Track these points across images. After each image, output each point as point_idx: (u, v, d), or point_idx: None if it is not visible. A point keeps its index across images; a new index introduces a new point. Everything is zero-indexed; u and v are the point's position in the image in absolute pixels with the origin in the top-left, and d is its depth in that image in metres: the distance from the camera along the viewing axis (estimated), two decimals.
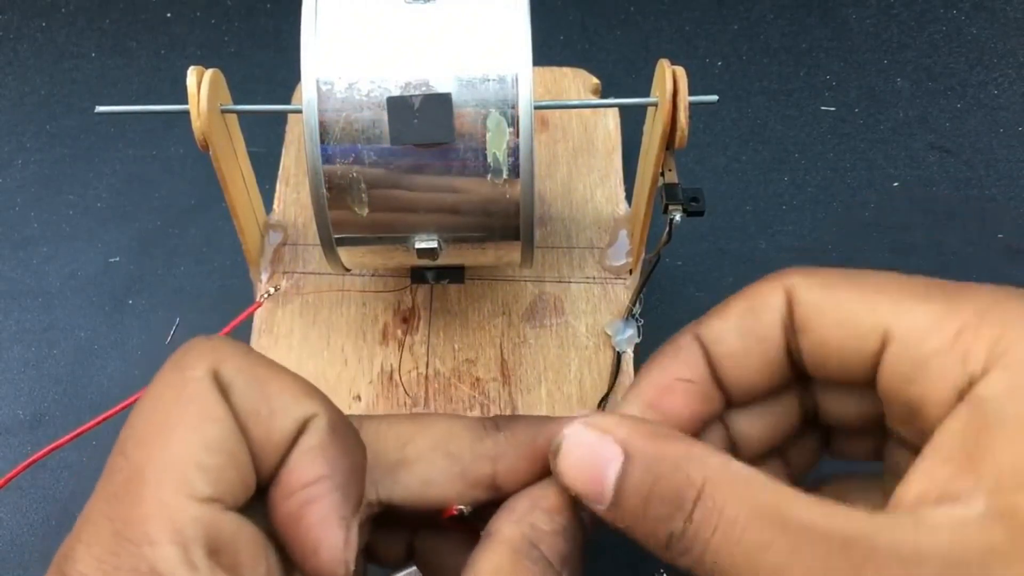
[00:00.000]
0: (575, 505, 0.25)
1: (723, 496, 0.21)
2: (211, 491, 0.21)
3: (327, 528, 0.22)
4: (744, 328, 0.25)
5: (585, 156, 0.44)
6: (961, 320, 0.22)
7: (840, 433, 0.28)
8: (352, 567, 0.23)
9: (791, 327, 0.25)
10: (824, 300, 0.24)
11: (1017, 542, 0.19)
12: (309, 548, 0.22)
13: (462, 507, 0.26)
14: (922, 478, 0.21)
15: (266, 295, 0.39)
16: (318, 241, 0.33)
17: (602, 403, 0.37)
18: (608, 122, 0.45)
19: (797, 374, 0.26)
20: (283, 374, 0.24)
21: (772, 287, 0.25)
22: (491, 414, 0.37)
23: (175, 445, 0.21)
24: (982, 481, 0.19)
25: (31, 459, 0.36)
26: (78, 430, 0.35)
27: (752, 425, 0.27)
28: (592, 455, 0.23)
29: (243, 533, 0.22)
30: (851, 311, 0.24)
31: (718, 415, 0.27)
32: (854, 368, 0.24)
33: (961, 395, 0.21)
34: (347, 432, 0.24)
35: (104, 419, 0.35)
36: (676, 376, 0.26)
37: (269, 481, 0.23)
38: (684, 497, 0.21)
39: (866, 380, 0.24)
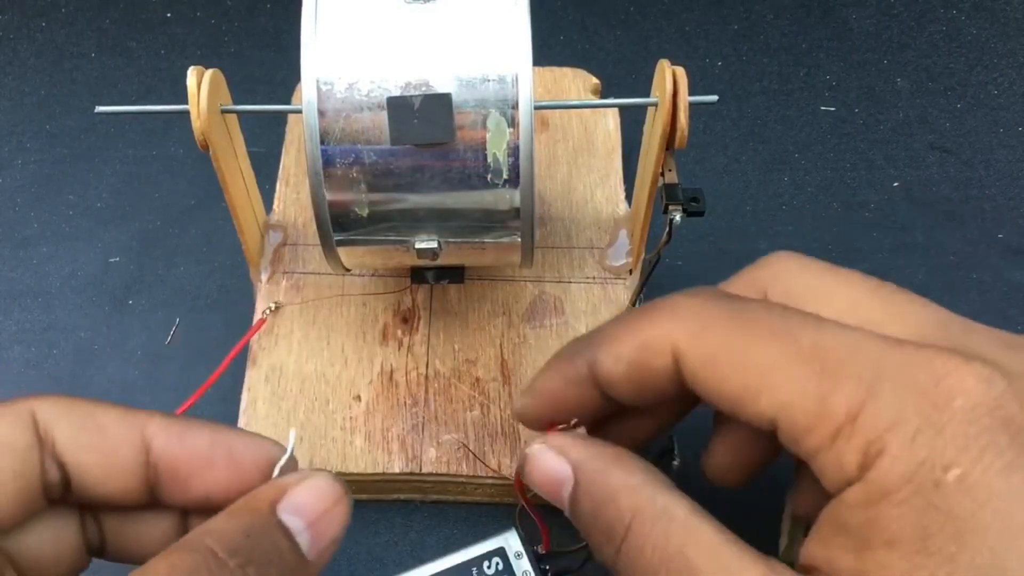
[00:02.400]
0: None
1: (644, 535, 0.23)
2: None
3: (249, 440, 0.25)
4: (633, 375, 0.26)
5: (585, 156, 0.44)
6: (835, 422, 0.22)
7: None
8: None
9: (679, 379, 0.25)
10: (710, 380, 0.24)
11: None
12: (259, 458, 0.24)
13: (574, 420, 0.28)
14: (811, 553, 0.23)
15: (268, 312, 0.39)
16: (318, 241, 0.33)
17: None
18: (608, 122, 0.45)
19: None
20: (106, 403, 0.25)
21: (659, 340, 0.25)
22: (491, 414, 0.37)
23: None
24: None
25: None
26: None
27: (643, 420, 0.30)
28: (551, 473, 0.26)
29: None
30: (738, 399, 0.24)
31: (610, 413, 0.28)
32: (750, 427, 0.25)
33: (840, 489, 0.22)
34: (187, 418, 0.25)
35: None
36: (564, 395, 0.28)
37: (136, 492, 0.24)
38: (615, 531, 0.24)
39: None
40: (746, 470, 0.28)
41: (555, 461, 0.26)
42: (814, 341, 0.23)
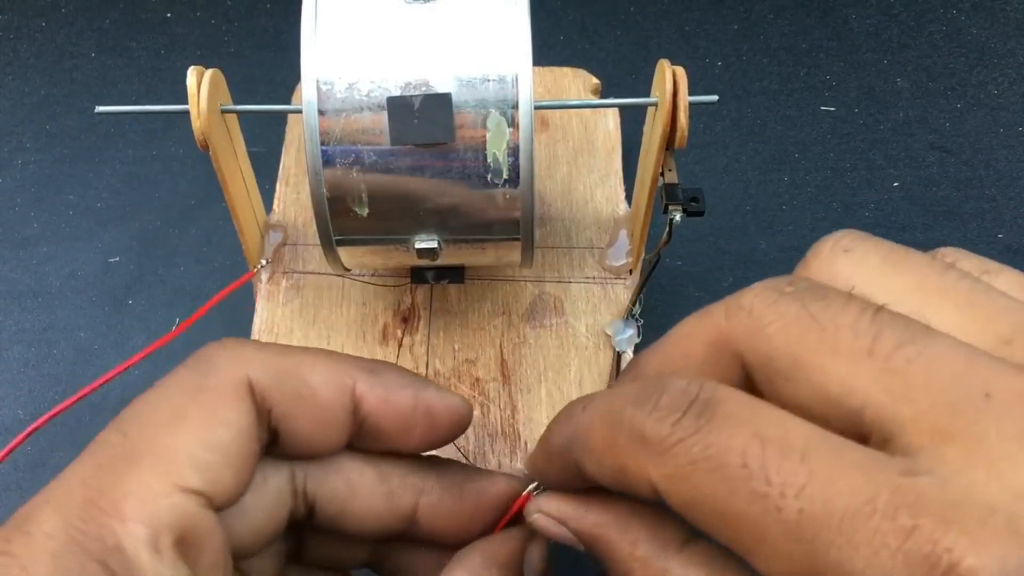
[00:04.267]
0: (521, 563, 0.26)
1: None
2: (199, 485, 0.21)
3: (446, 402, 0.25)
4: (619, 487, 0.24)
5: (585, 156, 0.44)
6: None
7: None
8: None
9: None
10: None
11: None
12: (453, 419, 0.25)
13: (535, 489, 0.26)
14: None
15: (262, 265, 0.39)
16: (318, 241, 0.33)
17: None
18: (608, 122, 0.45)
19: None
20: (306, 355, 0.25)
21: (637, 472, 0.21)
22: (491, 414, 0.37)
23: (177, 437, 0.22)
24: None
25: (31, 428, 0.36)
26: (81, 392, 0.36)
27: None
28: (557, 537, 0.25)
29: (215, 535, 0.22)
30: None
31: None
32: None
33: None
34: (386, 368, 0.26)
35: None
36: (558, 474, 0.26)
37: (341, 446, 0.25)
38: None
39: None
40: None
41: (557, 530, 0.25)
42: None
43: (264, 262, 0.40)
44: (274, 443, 0.25)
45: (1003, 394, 0.17)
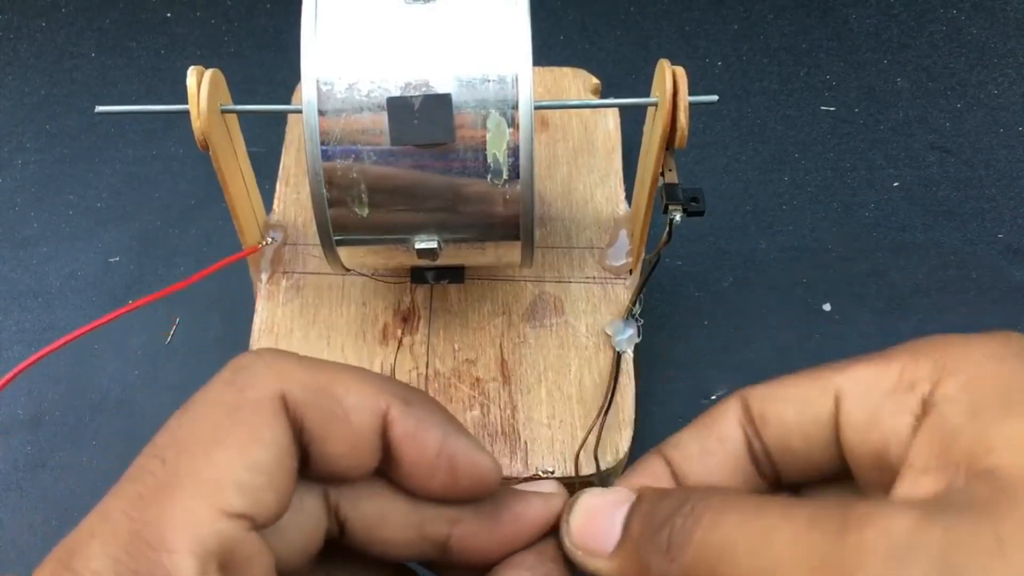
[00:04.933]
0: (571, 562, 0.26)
1: (712, 504, 0.22)
2: (243, 508, 0.21)
3: (473, 458, 0.25)
4: (703, 433, 0.25)
5: (585, 156, 0.44)
6: (901, 361, 0.22)
7: None
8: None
9: (751, 424, 0.25)
10: (775, 390, 0.24)
11: (1002, 496, 0.18)
12: (475, 478, 0.25)
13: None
14: (903, 488, 0.21)
15: (266, 243, 0.39)
16: (318, 241, 0.33)
17: (603, 413, 0.37)
18: (608, 122, 0.45)
19: (763, 477, 0.26)
20: (342, 372, 0.24)
21: (726, 401, 0.25)
22: (491, 414, 0.37)
23: (218, 460, 0.22)
24: (957, 468, 0.20)
25: (18, 368, 0.37)
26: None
27: None
28: (603, 501, 0.25)
29: (260, 557, 0.22)
30: (801, 388, 0.24)
31: None
32: (818, 441, 0.24)
33: (919, 420, 0.21)
34: (421, 400, 0.25)
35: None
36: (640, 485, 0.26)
37: (370, 470, 0.25)
38: (681, 510, 0.22)
39: (830, 455, 0.24)
40: None
41: (611, 491, 0.25)
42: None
43: (269, 239, 0.40)
44: (304, 463, 0.24)
45: None
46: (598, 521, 0.24)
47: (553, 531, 0.26)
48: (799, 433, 0.24)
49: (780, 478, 0.25)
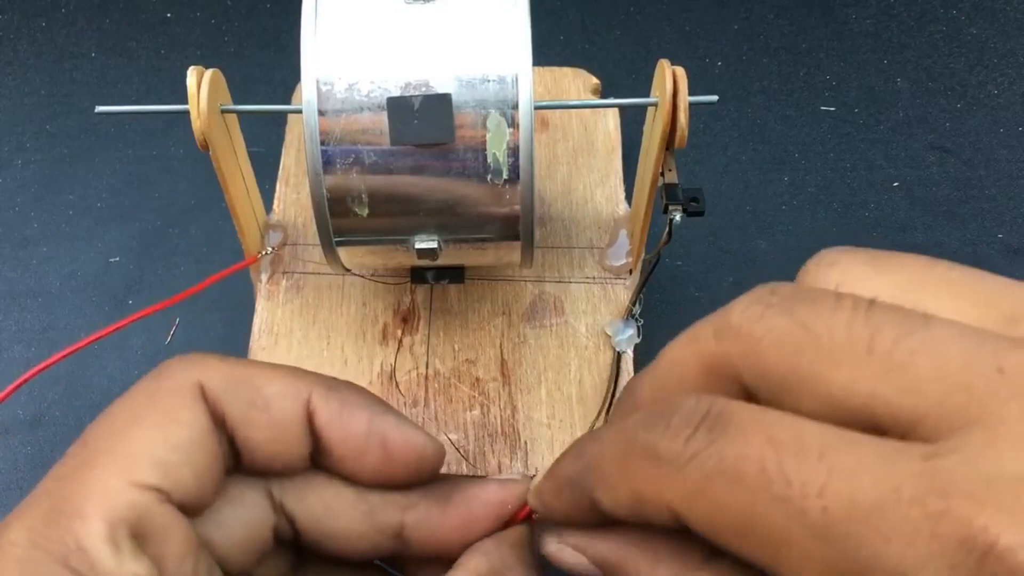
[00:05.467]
0: (534, 544, 0.25)
1: None
2: (155, 481, 0.22)
3: (405, 435, 0.25)
4: (636, 518, 0.23)
5: (585, 156, 0.44)
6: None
7: None
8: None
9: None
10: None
11: None
12: (410, 456, 0.25)
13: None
14: None
15: (265, 253, 0.39)
16: (318, 241, 0.33)
17: (603, 413, 0.37)
18: (608, 122, 0.45)
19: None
20: (264, 367, 0.25)
21: (655, 496, 0.21)
22: (491, 414, 0.37)
23: (134, 438, 0.22)
24: None
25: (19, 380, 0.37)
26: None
27: None
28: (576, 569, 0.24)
29: (176, 528, 0.22)
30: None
31: None
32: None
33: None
34: (345, 385, 0.25)
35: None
36: (568, 511, 0.25)
37: (302, 460, 0.25)
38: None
39: None
40: None
41: (574, 560, 0.24)
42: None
43: (269, 250, 0.40)
44: (238, 458, 0.25)
45: (1017, 369, 0.16)
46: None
47: (519, 520, 0.26)
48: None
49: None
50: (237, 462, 0.25)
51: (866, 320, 0.18)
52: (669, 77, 0.32)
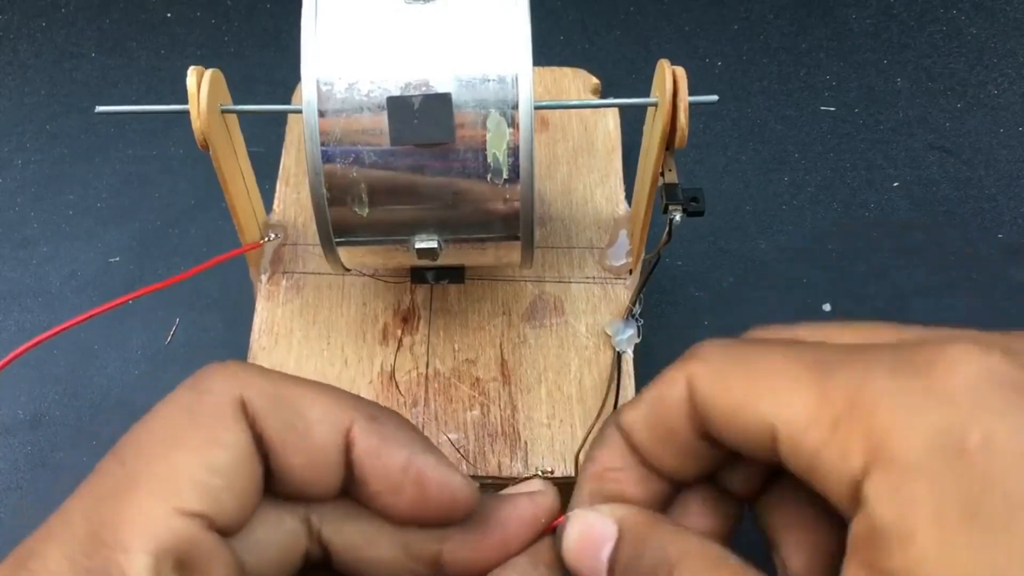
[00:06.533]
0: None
1: (694, 571, 0.22)
2: (200, 508, 0.21)
3: (443, 476, 0.24)
4: (653, 419, 0.25)
5: (585, 156, 0.44)
6: (834, 410, 0.21)
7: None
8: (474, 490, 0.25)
9: (696, 417, 0.24)
10: (717, 396, 0.23)
11: None
12: (446, 497, 0.24)
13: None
14: None
15: (268, 239, 0.39)
16: (318, 241, 0.33)
17: (603, 413, 0.37)
18: (608, 122, 0.45)
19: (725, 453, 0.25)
20: (308, 387, 0.24)
21: (676, 376, 0.24)
22: (491, 414, 0.37)
23: (176, 461, 0.22)
24: None
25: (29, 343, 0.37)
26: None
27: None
28: (593, 531, 0.24)
29: (219, 555, 0.22)
30: (740, 408, 0.23)
31: (668, 494, 0.26)
32: (762, 457, 0.23)
33: (854, 494, 0.20)
34: (388, 417, 0.25)
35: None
36: (606, 466, 0.26)
37: (335, 489, 0.24)
38: (659, 571, 0.23)
39: (768, 451, 0.23)
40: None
41: (599, 520, 0.24)
42: (816, 350, 0.22)
43: (272, 236, 0.40)
44: (269, 476, 0.24)
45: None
46: (586, 550, 0.24)
47: (547, 532, 0.26)
48: (744, 449, 0.23)
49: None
50: (267, 482, 0.24)
51: (792, 337, 0.24)
52: (669, 77, 0.32)
